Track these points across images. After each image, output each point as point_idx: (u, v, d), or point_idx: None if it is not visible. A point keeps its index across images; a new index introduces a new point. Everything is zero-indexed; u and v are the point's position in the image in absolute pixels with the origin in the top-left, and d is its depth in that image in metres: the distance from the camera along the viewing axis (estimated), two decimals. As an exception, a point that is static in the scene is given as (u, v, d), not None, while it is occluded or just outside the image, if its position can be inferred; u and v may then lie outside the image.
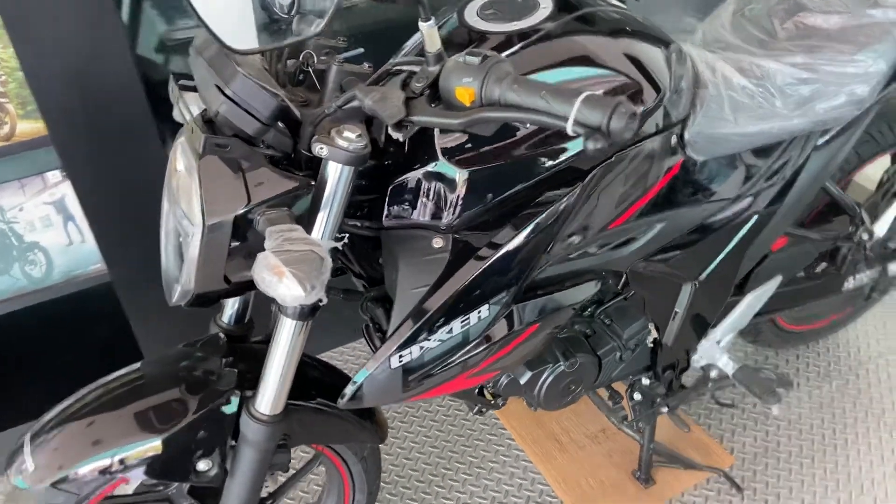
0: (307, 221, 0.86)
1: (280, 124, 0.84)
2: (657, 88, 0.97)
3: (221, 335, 1.12)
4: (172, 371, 1.05)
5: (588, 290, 1.11)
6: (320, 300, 0.82)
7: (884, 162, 1.66)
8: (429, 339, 0.94)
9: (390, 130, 0.76)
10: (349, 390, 0.98)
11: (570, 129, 0.66)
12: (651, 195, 1.08)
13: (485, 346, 0.99)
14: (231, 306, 1.13)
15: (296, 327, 0.94)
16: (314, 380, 1.17)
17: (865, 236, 1.50)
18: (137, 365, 1.08)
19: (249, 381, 1.04)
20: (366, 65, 0.88)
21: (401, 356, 0.94)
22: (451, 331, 0.95)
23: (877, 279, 1.64)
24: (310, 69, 0.88)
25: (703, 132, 1.09)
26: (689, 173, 1.12)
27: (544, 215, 0.93)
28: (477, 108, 0.72)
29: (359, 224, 0.99)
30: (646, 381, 1.45)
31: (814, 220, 1.54)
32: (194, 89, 0.90)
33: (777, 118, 1.14)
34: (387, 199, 0.96)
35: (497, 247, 0.93)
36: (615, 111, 0.64)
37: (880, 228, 1.52)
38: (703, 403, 1.87)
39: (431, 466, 1.75)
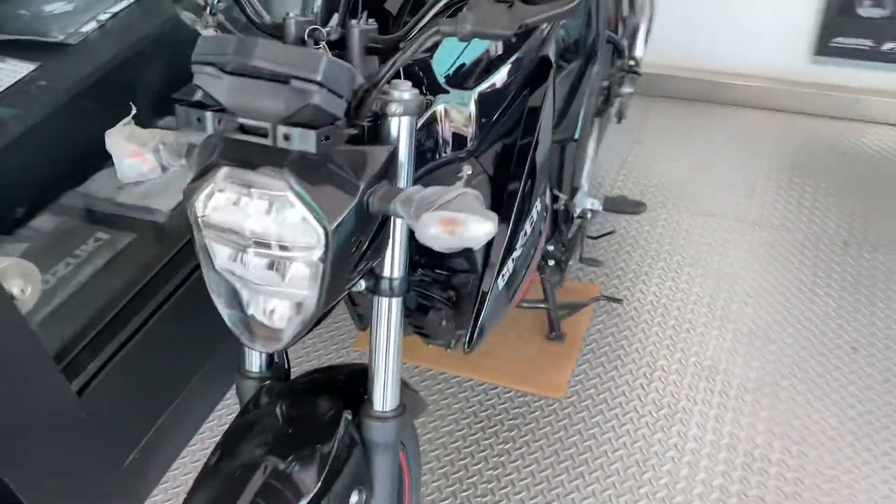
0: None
1: None
2: None
3: (269, 383, 1.02)
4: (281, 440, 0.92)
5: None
6: None
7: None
8: (515, 249, 1.00)
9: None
10: (475, 334, 0.99)
11: None
12: None
13: (537, 240, 1.08)
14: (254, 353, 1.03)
15: (394, 305, 0.93)
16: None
17: (632, 62, 1.87)
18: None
19: (348, 399, 0.98)
20: (369, 20, 0.86)
21: (503, 275, 0.98)
22: (525, 233, 1.02)
23: (623, 101, 2.06)
24: (322, 43, 0.83)
25: None
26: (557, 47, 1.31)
27: (545, 106, 1.03)
28: None
29: None
30: (551, 248, 1.66)
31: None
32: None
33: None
34: None
35: (528, 147, 1.01)
36: None
37: (640, 51, 1.91)
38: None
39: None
